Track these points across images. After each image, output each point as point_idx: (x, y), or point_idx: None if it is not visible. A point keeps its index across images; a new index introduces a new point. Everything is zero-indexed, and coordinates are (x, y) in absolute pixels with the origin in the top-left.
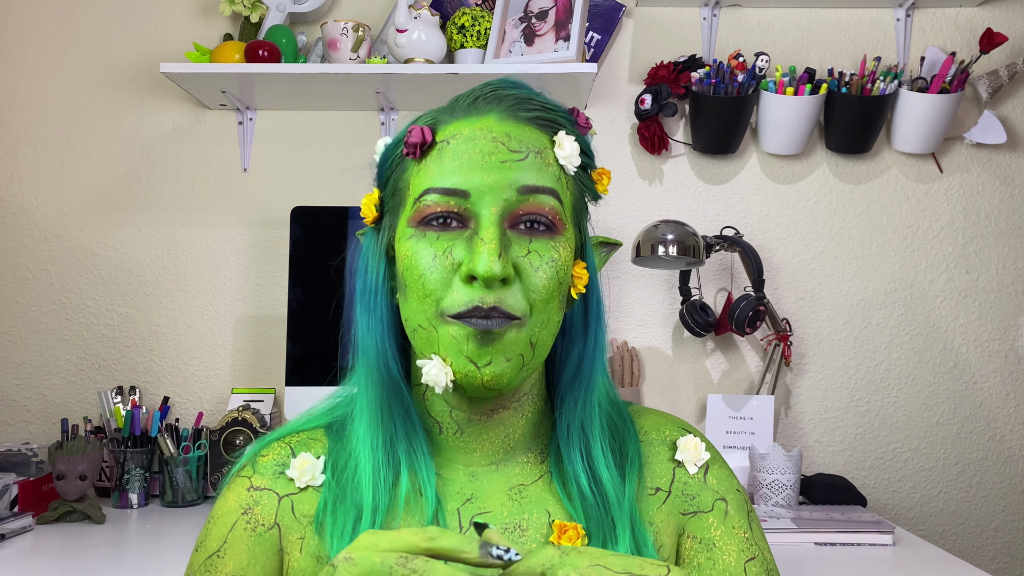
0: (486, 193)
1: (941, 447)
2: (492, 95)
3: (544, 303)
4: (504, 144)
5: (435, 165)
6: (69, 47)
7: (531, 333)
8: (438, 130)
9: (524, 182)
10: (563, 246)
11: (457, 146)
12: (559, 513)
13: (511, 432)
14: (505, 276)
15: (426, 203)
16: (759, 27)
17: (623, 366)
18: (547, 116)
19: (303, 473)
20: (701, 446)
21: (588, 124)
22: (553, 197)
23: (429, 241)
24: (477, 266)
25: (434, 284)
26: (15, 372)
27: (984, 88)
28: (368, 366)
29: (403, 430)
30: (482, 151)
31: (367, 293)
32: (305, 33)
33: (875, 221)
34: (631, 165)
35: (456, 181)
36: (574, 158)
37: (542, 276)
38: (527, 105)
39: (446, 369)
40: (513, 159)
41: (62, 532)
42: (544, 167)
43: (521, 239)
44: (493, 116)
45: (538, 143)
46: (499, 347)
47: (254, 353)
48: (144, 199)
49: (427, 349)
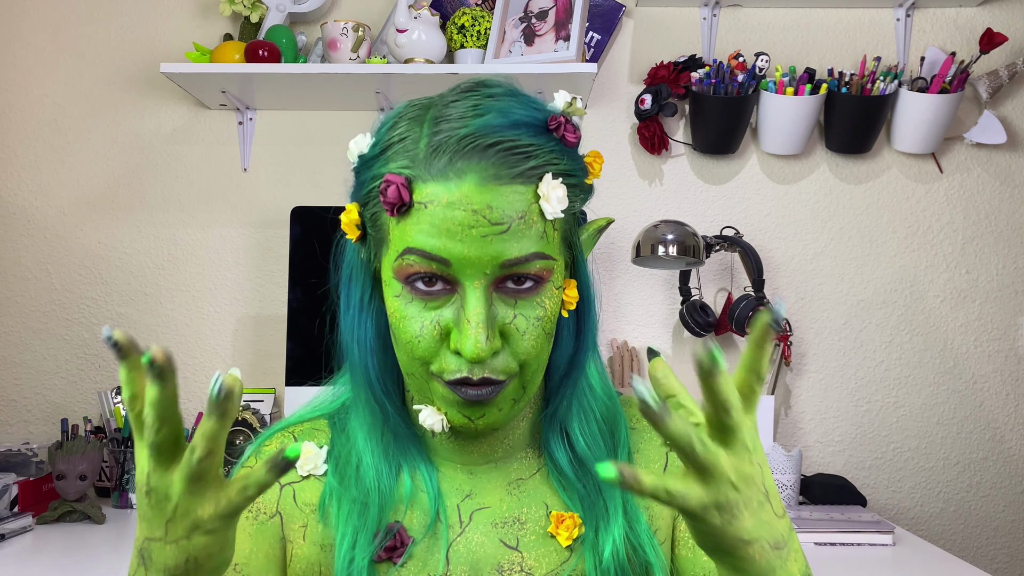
0: (467, 266)
1: (941, 447)
2: (472, 148)
3: (535, 359)
4: (485, 216)
5: (414, 224)
6: (69, 47)
7: (523, 380)
8: (415, 187)
9: (507, 255)
10: (548, 296)
11: (435, 212)
12: (556, 504)
13: (509, 435)
14: (493, 351)
15: (408, 262)
16: (759, 27)
17: (623, 366)
18: (531, 165)
19: (306, 461)
20: None
21: (576, 137)
22: (538, 260)
23: (417, 307)
24: (465, 348)
25: (424, 350)
26: (15, 372)
27: (984, 88)
28: (356, 383)
29: (398, 443)
30: (462, 223)
31: (352, 311)
32: (305, 33)
33: (875, 221)
34: (631, 165)
35: (436, 247)
36: (561, 204)
37: (529, 339)
38: (510, 159)
39: (440, 417)
40: (495, 232)
41: (62, 532)
42: (527, 231)
43: (507, 301)
44: (473, 180)
45: (522, 204)
46: (492, 405)
47: (254, 353)
48: (144, 199)
49: (419, 393)
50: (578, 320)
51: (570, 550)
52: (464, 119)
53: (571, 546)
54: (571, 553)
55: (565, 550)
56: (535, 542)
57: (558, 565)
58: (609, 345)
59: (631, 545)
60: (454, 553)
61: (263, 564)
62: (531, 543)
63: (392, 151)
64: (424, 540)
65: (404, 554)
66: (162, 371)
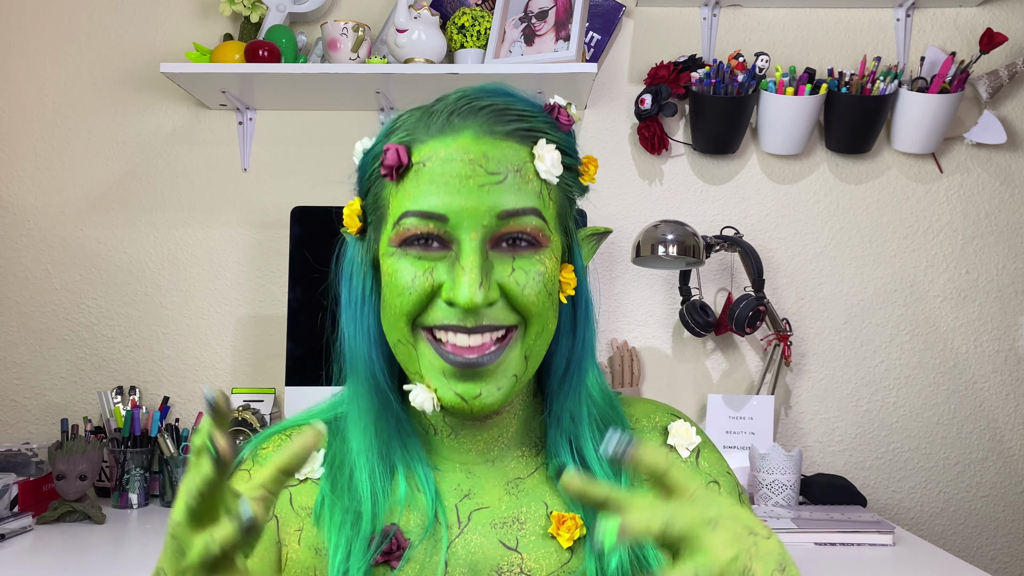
0: (465, 218)
1: (941, 447)
2: (467, 108)
3: (538, 315)
4: (482, 166)
5: (412, 187)
6: (69, 47)
7: (526, 347)
8: (413, 149)
9: (504, 206)
10: (548, 257)
11: (433, 168)
12: (556, 505)
13: (504, 431)
14: (488, 302)
15: (405, 226)
16: (759, 27)
17: (623, 366)
18: (525, 126)
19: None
20: (692, 431)
21: (570, 121)
22: (535, 216)
23: (410, 260)
24: (458, 295)
25: (413, 302)
26: (15, 372)
27: (984, 88)
28: (357, 378)
29: (397, 439)
30: (459, 174)
31: (353, 305)
32: (305, 33)
33: (875, 221)
34: (631, 165)
35: (434, 204)
36: (556, 168)
37: (530, 292)
38: (504, 117)
39: (431, 395)
40: (491, 182)
41: (62, 532)
42: (524, 185)
43: (504, 258)
44: (469, 134)
45: (517, 159)
46: (491, 378)
47: (254, 353)
48: (144, 199)
49: (410, 366)
50: (574, 315)
51: (571, 551)
52: (460, 92)
53: (572, 547)
54: (572, 555)
55: (566, 551)
56: (535, 543)
57: (559, 567)
58: (609, 345)
59: (635, 555)
60: (453, 555)
61: (258, 567)
62: (531, 544)
63: (392, 136)
64: (422, 542)
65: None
66: (221, 461)
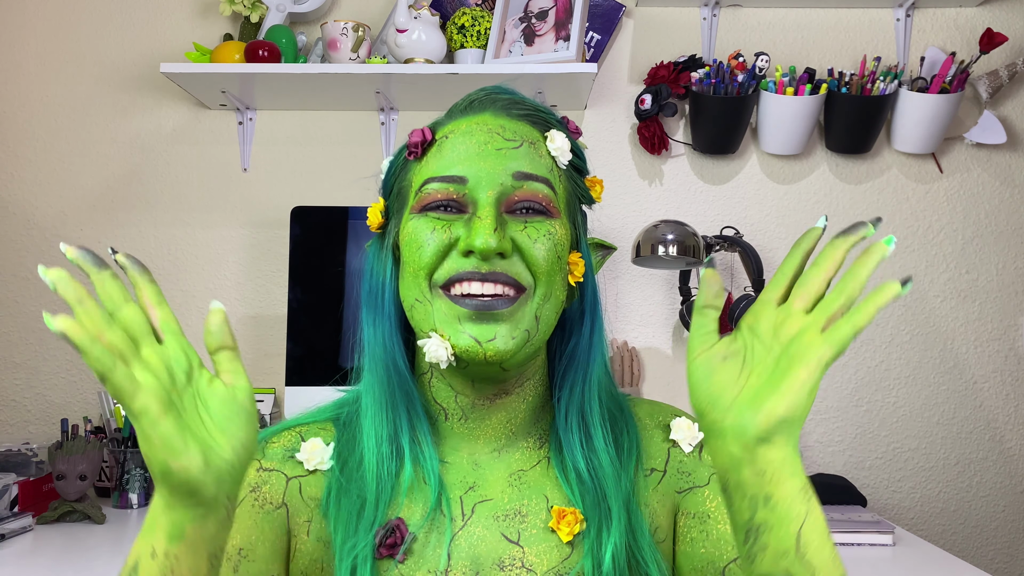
0: (483, 178)
1: (941, 447)
2: (487, 98)
3: (547, 275)
4: (499, 134)
5: (435, 159)
6: (69, 47)
7: (536, 307)
8: (437, 130)
9: (519, 168)
10: (559, 226)
11: (455, 139)
12: (557, 498)
13: (513, 417)
14: (502, 250)
15: (427, 192)
16: (759, 27)
17: (623, 366)
18: (538, 115)
19: (312, 456)
20: (694, 426)
21: (578, 131)
22: (546, 185)
23: (429, 219)
24: (475, 240)
25: (430, 256)
26: (15, 372)
27: (984, 88)
28: (374, 361)
29: (408, 421)
30: (479, 141)
31: (373, 294)
32: (305, 33)
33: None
34: (631, 165)
35: (455, 170)
36: (565, 152)
37: (541, 248)
38: (520, 105)
39: (445, 344)
40: (508, 147)
41: (62, 532)
42: (537, 157)
43: (517, 220)
44: (488, 113)
45: (531, 135)
46: (504, 321)
47: (254, 353)
48: (144, 199)
49: (425, 324)
50: (582, 308)
51: (571, 546)
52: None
53: (572, 542)
54: (572, 549)
55: (566, 546)
56: (536, 537)
57: (559, 562)
58: (609, 345)
59: (633, 556)
60: (456, 547)
61: (268, 554)
62: (532, 538)
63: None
64: (426, 535)
65: (405, 549)
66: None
